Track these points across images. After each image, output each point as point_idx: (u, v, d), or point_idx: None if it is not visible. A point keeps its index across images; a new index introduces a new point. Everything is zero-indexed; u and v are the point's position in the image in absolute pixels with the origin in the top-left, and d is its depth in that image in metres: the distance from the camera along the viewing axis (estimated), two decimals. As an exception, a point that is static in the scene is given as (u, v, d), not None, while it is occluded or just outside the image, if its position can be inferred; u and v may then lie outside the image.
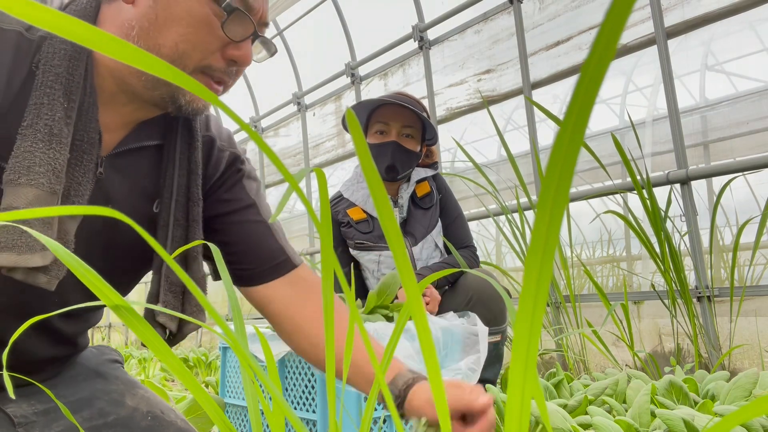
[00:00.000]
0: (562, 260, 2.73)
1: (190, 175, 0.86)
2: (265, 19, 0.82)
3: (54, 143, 0.70)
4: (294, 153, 5.19)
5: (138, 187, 0.85)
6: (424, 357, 0.36)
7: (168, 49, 0.74)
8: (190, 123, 0.87)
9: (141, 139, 0.84)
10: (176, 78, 0.26)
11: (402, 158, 1.92)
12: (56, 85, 0.71)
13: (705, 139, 2.76)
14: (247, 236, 0.93)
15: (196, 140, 0.87)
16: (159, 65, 0.25)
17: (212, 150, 0.92)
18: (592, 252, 3.41)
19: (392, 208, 0.69)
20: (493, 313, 1.80)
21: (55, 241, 0.70)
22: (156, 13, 0.73)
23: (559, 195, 0.21)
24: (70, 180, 0.74)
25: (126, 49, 0.24)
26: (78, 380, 0.93)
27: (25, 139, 0.69)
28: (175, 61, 0.74)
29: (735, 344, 2.28)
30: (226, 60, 0.77)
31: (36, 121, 0.70)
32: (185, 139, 0.87)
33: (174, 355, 0.42)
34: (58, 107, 0.71)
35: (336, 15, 4.49)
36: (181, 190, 0.85)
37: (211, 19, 0.74)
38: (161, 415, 0.94)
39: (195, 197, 0.86)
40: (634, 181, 2.33)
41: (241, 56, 0.78)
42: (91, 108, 0.76)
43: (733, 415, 0.23)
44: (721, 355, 2.23)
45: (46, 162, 0.69)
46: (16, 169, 0.68)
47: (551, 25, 3.14)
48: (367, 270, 2.03)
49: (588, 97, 0.19)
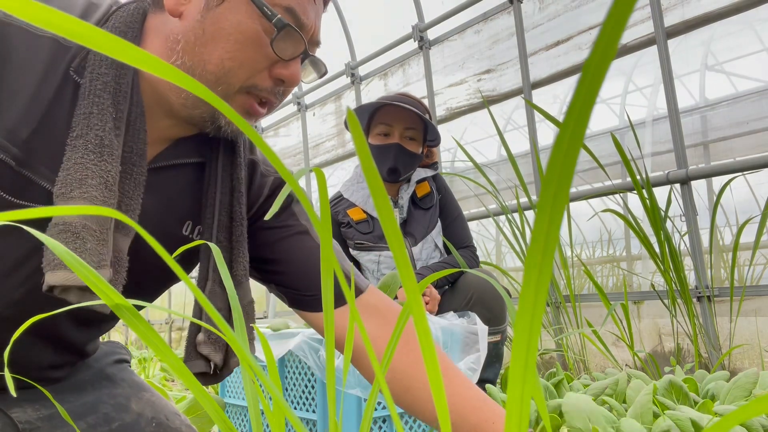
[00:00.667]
0: (562, 260, 2.73)
1: (233, 193, 0.81)
2: (316, 38, 0.78)
3: (105, 155, 0.66)
4: (294, 153, 5.19)
5: (171, 207, 0.80)
6: (424, 357, 0.36)
7: (214, 66, 0.71)
8: (233, 143, 0.83)
9: (179, 156, 0.80)
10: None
11: (404, 161, 1.93)
12: (105, 94, 0.68)
13: (705, 139, 2.76)
14: (301, 261, 0.86)
15: (238, 157, 0.82)
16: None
17: (255, 174, 0.87)
18: (592, 252, 3.41)
19: (392, 208, 0.69)
20: (493, 312, 1.80)
21: (111, 258, 0.67)
22: (203, 28, 0.70)
23: (559, 195, 0.21)
24: (122, 194, 0.70)
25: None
26: (84, 384, 0.92)
27: (75, 151, 0.65)
28: (220, 79, 0.71)
29: (735, 344, 2.28)
30: (273, 79, 0.74)
31: (86, 132, 0.66)
32: (228, 157, 0.82)
33: (174, 355, 0.42)
34: (108, 117, 0.67)
35: (336, 15, 4.49)
36: (224, 210, 0.80)
37: (260, 36, 0.71)
38: (166, 421, 0.93)
39: (239, 217, 0.81)
40: (634, 180, 2.33)
41: (290, 76, 0.74)
42: (139, 118, 0.72)
43: (733, 414, 0.23)
44: (721, 355, 2.23)
45: (99, 174, 0.65)
46: (68, 182, 0.64)
47: (551, 25, 3.14)
48: (367, 270, 2.03)
49: (589, 97, 0.19)
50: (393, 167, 1.91)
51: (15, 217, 0.29)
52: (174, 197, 0.81)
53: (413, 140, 1.95)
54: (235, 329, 0.54)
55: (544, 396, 1.53)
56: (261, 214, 0.88)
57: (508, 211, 2.89)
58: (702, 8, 2.56)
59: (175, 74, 0.24)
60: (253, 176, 0.87)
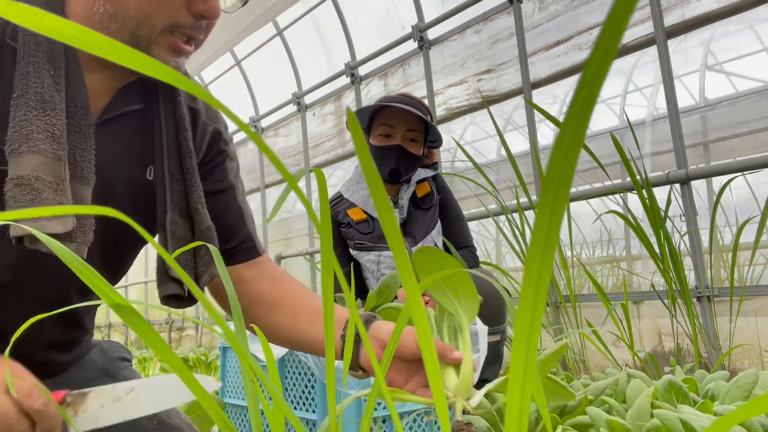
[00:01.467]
0: (562, 260, 2.73)
1: (177, 130, 0.86)
2: None
3: (48, 110, 0.70)
4: (294, 153, 5.19)
5: (129, 154, 0.85)
6: (424, 357, 0.36)
7: (133, 10, 0.74)
8: (170, 85, 0.87)
9: (125, 104, 0.84)
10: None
11: (406, 163, 1.93)
12: (38, 53, 0.72)
13: (705, 138, 2.76)
14: (221, 217, 0.93)
15: (178, 96, 0.87)
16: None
17: (197, 122, 0.92)
18: (591, 252, 3.41)
19: (392, 209, 0.69)
20: (494, 313, 1.80)
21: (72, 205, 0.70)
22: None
23: (560, 196, 0.21)
24: (73, 146, 0.74)
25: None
26: (87, 381, 0.92)
27: (18, 109, 0.69)
28: (142, 22, 0.74)
29: (735, 344, 2.28)
30: (194, 15, 0.77)
31: (26, 90, 0.70)
32: (168, 98, 0.87)
33: (174, 354, 0.42)
34: (44, 74, 0.71)
35: (336, 15, 4.49)
36: (172, 145, 0.85)
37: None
38: (167, 419, 0.93)
39: (186, 150, 0.86)
40: (633, 180, 2.33)
41: (208, 9, 0.77)
42: (77, 74, 0.76)
43: (733, 414, 0.23)
44: (721, 355, 2.23)
45: (44, 129, 0.69)
46: (15, 138, 0.68)
47: (551, 25, 3.14)
48: (367, 270, 2.03)
49: (589, 98, 0.19)
50: (394, 169, 1.91)
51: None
52: (130, 145, 0.85)
53: (415, 142, 1.95)
54: (236, 329, 0.54)
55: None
56: (203, 164, 0.93)
57: (508, 211, 2.89)
58: (702, 8, 2.56)
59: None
60: (196, 123, 0.92)
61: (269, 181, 5.57)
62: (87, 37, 0.24)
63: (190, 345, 6.07)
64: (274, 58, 5.28)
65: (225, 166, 0.96)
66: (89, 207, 0.34)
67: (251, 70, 5.59)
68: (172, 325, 6.43)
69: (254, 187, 5.72)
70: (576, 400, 1.31)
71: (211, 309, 0.42)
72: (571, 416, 1.28)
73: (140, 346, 6.14)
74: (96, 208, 0.34)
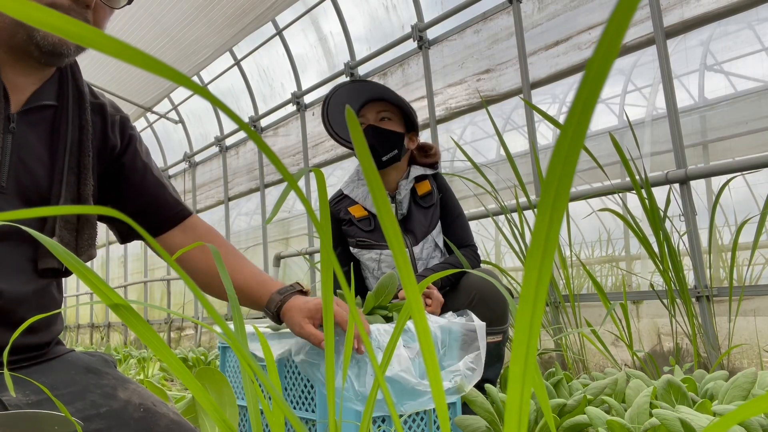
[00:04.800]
0: (562, 260, 2.73)
1: (81, 130, 1.00)
2: None
3: None
4: (293, 153, 5.19)
5: (44, 141, 0.97)
6: (423, 357, 0.36)
7: None
8: (78, 86, 1.01)
9: (43, 98, 0.97)
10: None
11: (380, 138, 1.93)
12: None
13: (704, 138, 2.76)
14: (144, 192, 1.10)
15: (85, 101, 1.01)
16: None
17: (105, 114, 1.07)
18: (591, 252, 3.41)
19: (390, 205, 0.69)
20: (496, 313, 1.80)
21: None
22: None
23: (560, 197, 0.21)
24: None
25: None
26: (71, 376, 0.95)
27: None
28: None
29: (734, 344, 2.28)
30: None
31: None
32: (76, 99, 1.00)
33: (173, 354, 0.42)
34: None
35: (336, 15, 4.49)
36: (74, 142, 0.99)
37: None
38: (153, 407, 0.95)
39: (86, 149, 1.00)
40: (633, 180, 2.33)
41: None
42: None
43: (732, 414, 0.23)
44: (720, 355, 2.24)
45: None
46: None
47: (550, 24, 3.14)
48: (366, 269, 2.03)
49: (590, 98, 0.19)
50: (370, 146, 1.91)
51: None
52: (46, 133, 0.98)
53: (389, 120, 1.96)
54: (235, 329, 0.54)
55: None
56: (122, 152, 1.09)
57: (507, 211, 2.89)
58: (701, 8, 2.56)
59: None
60: (105, 115, 1.07)
61: (269, 181, 5.56)
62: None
63: (189, 345, 6.07)
64: (274, 57, 5.28)
65: (136, 148, 1.11)
66: (89, 207, 0.34)
67: (251, 69, 5.59)
68: (171, 325, 6.43)
69: (254, 187, 5.72)
70: (575, 399, 1.31)
71: (210, 309, 0.42)
72: (570, 416, 1.28)
73: (139, 346, 6.14)
74: (96, 208, 0.34)
